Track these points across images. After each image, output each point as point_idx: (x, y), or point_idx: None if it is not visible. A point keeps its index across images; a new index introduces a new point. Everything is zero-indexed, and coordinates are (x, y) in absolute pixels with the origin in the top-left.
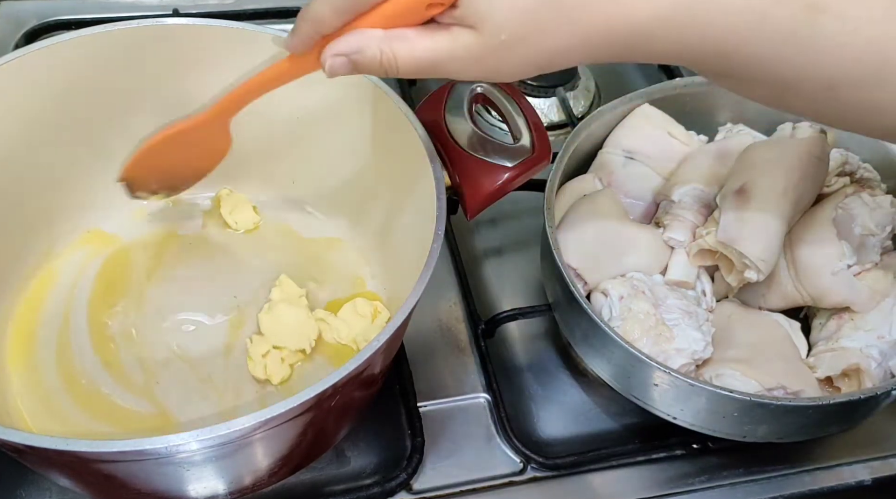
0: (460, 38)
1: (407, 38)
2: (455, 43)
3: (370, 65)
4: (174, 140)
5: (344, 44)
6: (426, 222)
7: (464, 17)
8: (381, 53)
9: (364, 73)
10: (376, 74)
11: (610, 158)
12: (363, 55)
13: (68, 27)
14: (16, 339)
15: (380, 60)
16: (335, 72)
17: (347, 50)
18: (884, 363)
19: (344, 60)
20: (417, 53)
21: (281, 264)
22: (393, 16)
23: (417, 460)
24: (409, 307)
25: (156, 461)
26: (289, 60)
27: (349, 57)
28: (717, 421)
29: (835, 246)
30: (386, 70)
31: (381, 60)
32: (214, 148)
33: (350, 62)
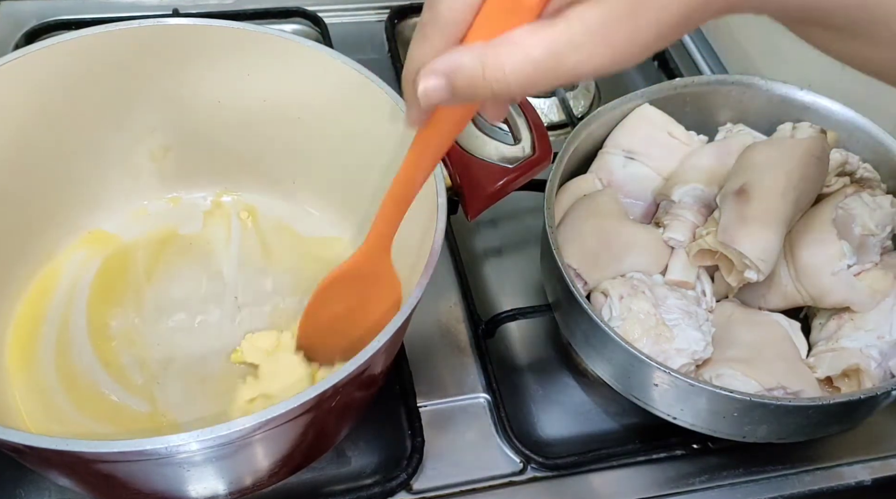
0: (579, 17)
1: (513, 40)
2: (574, 27)
3: (472, 82)
4: (338, 286)
5: (440, 62)
6: (427, 223)
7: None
8: (483, 67)
9: (468, 98)
10: (481, 96)
11: (610, 158)
12: (462, 71)
13: (68, 27)
14: (16, 339)
15: (482, 73)
16: (429, 97)
17: (444, 68)
18: (884, 363)
19: (438, 82)
20: (530, 53)
21: (281, 265)
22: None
23: (417, 460)
24: (409, 308)
25: (156, 462)
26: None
27: (446, 77)
28: (717, 421)
29: (835, 246)
30: (492, 85)
31: (485, 73)
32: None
33: (448, 84)
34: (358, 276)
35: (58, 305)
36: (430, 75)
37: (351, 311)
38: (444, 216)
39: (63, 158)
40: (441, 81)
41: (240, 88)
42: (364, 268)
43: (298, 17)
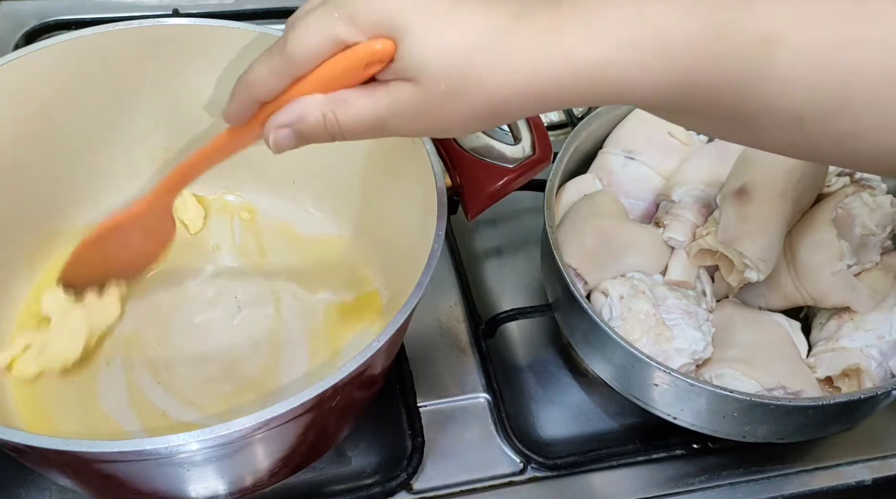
0: (400, 92)
1: (347, 99)
2: (395, 98)
3: (315, 131)
4: (114, 233)
5: (285, 114)
6: (427, 222)
7: (402, 70)
8: (323, 118)
9: (310, 141)
10: (320, 140)
11: (610, 158)
12: (306, 123)
13: (68, 27)
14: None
15: (323, 125)
16: (280, 145)
17: (289, 120)
18: (884, 363)
19: (287, 132)
20: (360, 114)
21: (281, 265)
22: (331, 78)
23: (418, 460)
24: (410, 308)
25: (156, 462)
26: (228, 133)
27: (292, 127)
28: (717, 421)
29: (835, 246)
30: (329, 134)
31: (325, 125)
32: (159, 234)
33: (294, 133)
34: (140, 223)
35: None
36: (280, 128)
37: (128, 248)
38: (444, 216)
39: (63, 158)
40: (289, 133)
41: None
42: (147, 214)
43: None
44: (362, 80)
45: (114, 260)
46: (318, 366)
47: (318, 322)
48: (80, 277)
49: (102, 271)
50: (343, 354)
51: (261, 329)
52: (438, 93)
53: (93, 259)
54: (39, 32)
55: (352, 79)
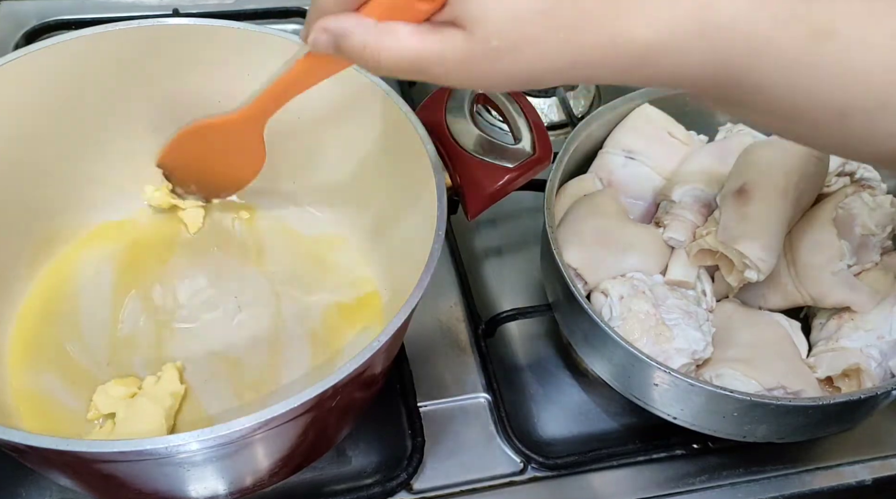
0: (450, 39)
1: (397, 32)
2: (444, 44)
3: (352, 51)
4: (207, 133)
5: (335, 22)
6: (427, 222)
7: (459, 16)
8: (365, 43)
9: (346, 58)
10: (357, 63)
11: (610, 158)
12: (348, 40)
13: (68, 27)
14: (17, 338)
15: (363, 49)
16: (317, 46)
17: (335, 29)
18: (884, 363)
19: (328, 39)
20: (404, 50)
21: (281, 265)
22: (390, 6)
23: (418, 460)
24: (409, 307)
25: (156, 461)
26: (306, 58)
27: (335, 36)
28: (717, 421)
29: (835, 246)
30: (367, 61)
31: (365, 50)
32: (248, 158)
33: (334, 43)
34: (230, 131)
35: (59, 305)
36: (323, 32)
37: (213, 156)
38: (444, 216)
39: (63, 159)
40: (330, 39)
41: (240, 88)
42: (238, 128)
43: (298, 17)
44: (416, 16)
45: (205, 166)
46: (318, 366)
47: (318, 322)
48: (175, 170)
49: (195, 174)
50: (343, 354)
51: (261, 329)
52: (489, 48)
53: (186, 155)
54: (39, 32)
55: (406, 10)
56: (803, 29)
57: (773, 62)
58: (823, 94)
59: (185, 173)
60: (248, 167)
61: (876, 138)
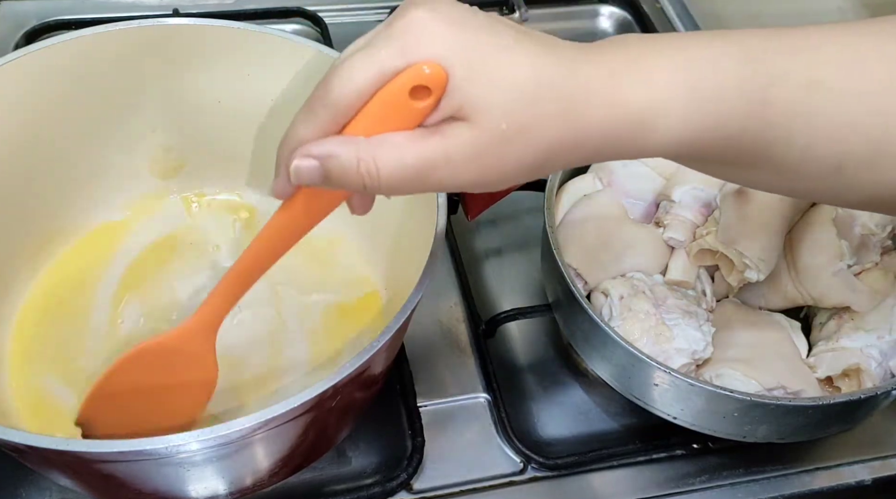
0: (454, 134)
1: (394, 143)
2: (447, 142)
3: (345, 174)
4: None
5: (317, 146)
6: (427, 222)
7: (457, 107)
8: (358, 162)
9: (336, 186)
10: (352, 188)
11: None
12: (337, 160)
13: (68, 27)
14: (16, 338)
15: (356, 169)
16: (300, 175)
17: (319, 152)
18: (884, 363)
19: (313, 164)
20: (404, 158)
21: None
22: (374, 114)
23: (418, 460)
24: (410, 308)
25: (156, 462)
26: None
27: (321, 161)
28: (718, 421)
29: (835, 246)
30: (365, 182)
31: (359, 169)
32: (196, 380)
33: (321, 168)
34: (175, 352)
35: (59, 305)
36: (306, 157)
37: (154, 389)
38: (444, 216)
39: (63, 159)
40: (315, 165)
41: (240, 88)
42: (185, 345)
43: (298, 17)
44: (409, 121)
45: (142, 405)
46: (318, 366)
47: (318, 322)
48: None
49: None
50: (343, 354)
51: (261, 329)
52: (498, 134)
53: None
54: (39, 32)
55: (396, 115)
56: (793, 82)
57: (769, 118)
58: (820, 147)
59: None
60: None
61: (875, 190)
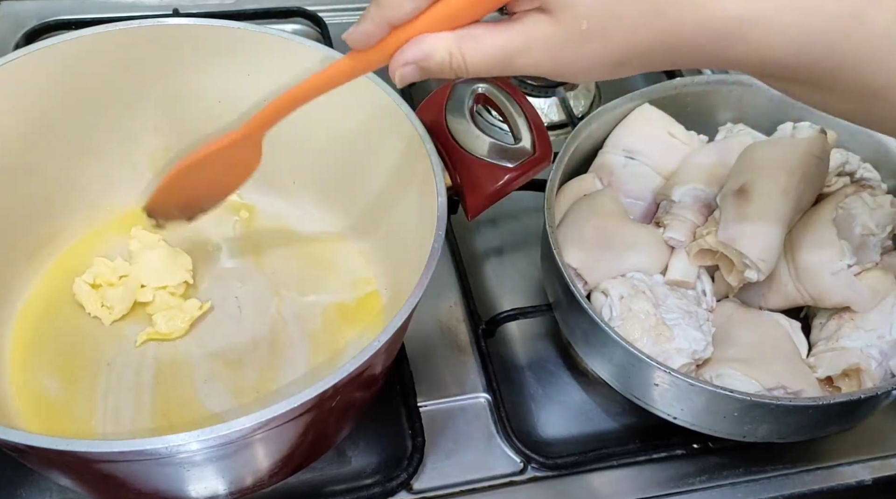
0: (535, 27)
1: (476, 36)
2: (529, 34)
3: (440, 69)
4: (204, 163)
5: (411, 51)
6: (427, 223)
7: (544, 2)
8: (450, 56)
9: (434, 75)
10: (447, 76)
11: (610, 157)
12: (431, 60)
13: (68, 27)
14: (16, 338)
15: (449, 63)
16: (405, 80)
17: (415, 57)
18: (884, 363)
19: (413, 68)
20: (488, 51)
21: (281, 265)
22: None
23: (418, 460)
24: (410, 307)
25: (156, 461)
26: (349, 58)
27: (418, 64)
28: (718, 421)
29: (835, 246)
30: (456, 72)
31: (451, 63)
32: (244, 164)
33: (419, 69)
34: (232, 151)
35: (59, 304)
36: (405, 65)
37: (210, 180)
38: (444, 216)
39: (63, 159)
40: (414, 69)
41: (240, 88)
42: (240, 145)
43: (298, 17)
44: (492, 8)
45: (199, 189)
46: (318, 366)
47: (318, 322)
48: (166, 206)
49: (187, 200)
50: (343, 355)
51: (261, 329)
52: (577, 32)
53: (180, 188)
54: (39, 32)
55: (483, 8)
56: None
57: (863, 39)
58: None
59: (172, 206)
60: (243, 172)
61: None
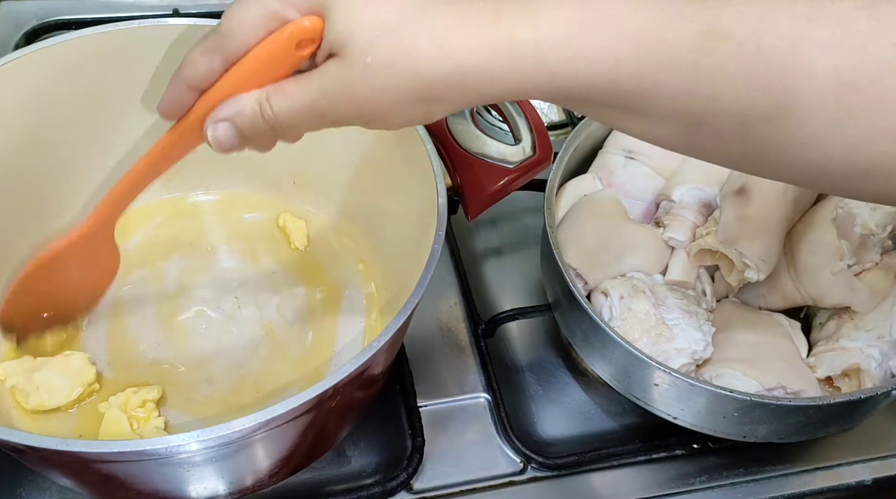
0: (329, 71)
1: (281, 87)
2: (324, 79)
3: (252, 124)
4: (53, 264)
5: (223, 110)
6: (427, 223)
7: (330, 46)
8: (259, 107)
9: (251, 138)
10: (263, 137)
11: (610, 157)
12: (244, 115)
13: (68, 27)
14: None
15: (260, 115)
16: (220, 141)
17: (227, 114)
18: (884, 363)
19: (227, 126)
20: (293, 101)
21: (281, 265)
22: (264, 62)
23: (418, 460)
24: (410, 308)
25: (156, 462)
26: (168, 135)
27: (231, 121)
28: (718, 421)
29: (835, 246)
30: (270, 126)
31: (262, 115)
32: (102, 264)
33: (233, 127)
34: (79, 253)
35: None
36: (218, 123)
37: (68, 284)
38: (444, 216)
39: (63, 159)
40: (228, 126)
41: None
42: (84, 247)
43: None
44: (297, 66)
45: (58, 295)
46: (316, 366)
47: (318, 322)
48: (21, 319)
49: (47, 308)
50: (342, 355)
51: (260, 329)
52: (363, 66)
53: (32, 297)
54: (39, 32)
55: (285, 64)
56: (695, 28)
57: (667, 64)
58: (721, 100)
59: (30, 317)
60: (102, 277)
61: (783, 149)
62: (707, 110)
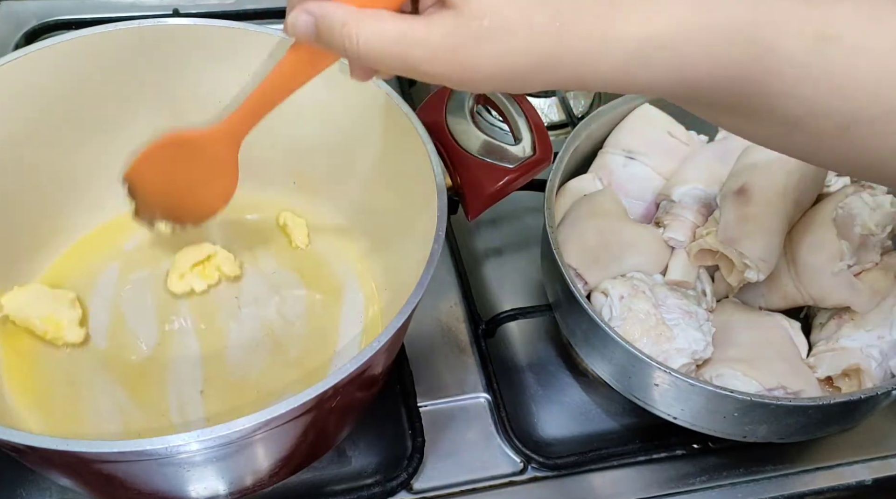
0: (437, 19)
1: (380, 16)
2: (430, 26)
3: (331, 33)
4: (180, 148)
5: (316, 4)
6: (427, 223)
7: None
8: (343, 25)
9: (324, 43)
10: (334, 48)
11: (610, 158)
12: (327, 21)
13: (68, 27)
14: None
15: (340, 32)
16: (295, 27)
17: (316, 10)
18: (884, 363)
19: (308, 19)
20: (385, 32)
21: (281, 265)
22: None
23: (418, 460)
24: (410, 308)
25: (156, 462)
26: (288, 54)
27: (315, 17)
28: (718, 421)
29: (835, 246)
30: (345, 45)
31: (343, 31)
32: (219, 181)
33: (313, 25)
34: (205, 148)
35: None
36: (304, 12)
37: (183, 176)
38: (444, 216)
39: (63, 159)
40: (310, 21)
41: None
42: (208, 146)
43: None
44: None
45: (174, 186)
46: (317, 366)
47: (318, 322)
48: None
49: (162, 196)
50: (342, 355)
51: (261, 329)
52: (478, 28)
53: (155, 171)
54: (39, 32)
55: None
56: (806, 31)
57: (773, 66)
58: (827, 102)
59: (149, 194)
60: (218, 193)
61: (881, 153)
62: (809, 112)
